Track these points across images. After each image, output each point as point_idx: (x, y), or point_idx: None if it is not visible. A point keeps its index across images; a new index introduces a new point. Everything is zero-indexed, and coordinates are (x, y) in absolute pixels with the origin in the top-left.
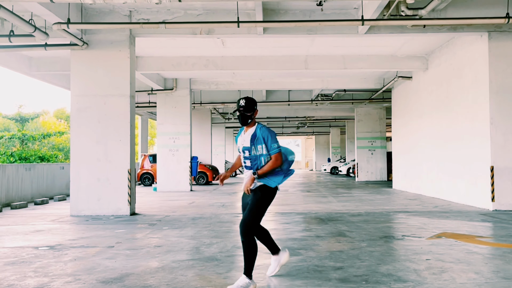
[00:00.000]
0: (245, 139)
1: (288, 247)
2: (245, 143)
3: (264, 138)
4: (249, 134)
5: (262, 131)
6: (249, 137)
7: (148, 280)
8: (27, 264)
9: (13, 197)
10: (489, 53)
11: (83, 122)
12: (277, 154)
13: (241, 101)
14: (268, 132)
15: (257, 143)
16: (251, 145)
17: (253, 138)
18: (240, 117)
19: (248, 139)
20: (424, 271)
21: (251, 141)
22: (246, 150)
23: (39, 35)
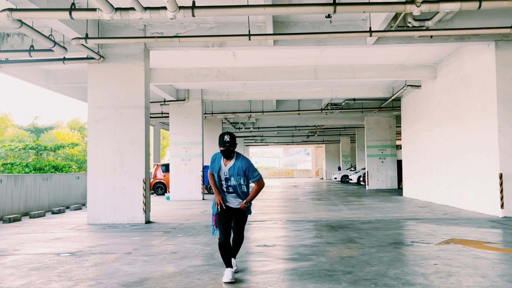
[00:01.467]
0: (226, 170)
1: (299, 253)
2: (227, 174)
3: (245, 170)
4: (232, 164)
5: (243, 163)
6: (230, 170)
7: (166, 284)
8: (50, 270)
9: (31, 206)
10: (496, 62)
11: (99, 133)
12: (259, 180)
13: (225, 136)
14: (248, 163)
15: (240, 173)
16: (236, 175)
17: (237, 171)
18: (225, 152)
19: (231, 170)
20: (431, 275)
21: (236, 172)
22: (232, 178)
23: (58, 49)
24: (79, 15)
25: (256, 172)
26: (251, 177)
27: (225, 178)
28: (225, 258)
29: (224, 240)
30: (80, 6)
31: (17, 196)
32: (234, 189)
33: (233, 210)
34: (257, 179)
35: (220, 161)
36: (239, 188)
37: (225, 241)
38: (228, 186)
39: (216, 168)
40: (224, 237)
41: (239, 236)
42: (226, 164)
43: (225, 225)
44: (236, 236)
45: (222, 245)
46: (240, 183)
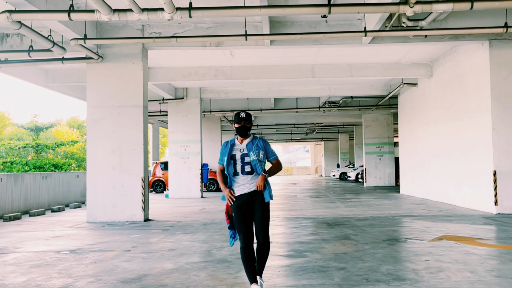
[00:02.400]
0: (244, 148)
1: (295, 250)
2: (245, 151)
3: (265, 147)
4: (249, 141)
5: (262, 141)
6: (251, 146)
7: (164, 280)
8: (51, 267)
9: (31, 205)
10: (490, 60)
11: (98, 132)
12: (278, 159)
13: (241, 113)
14: (267, 142)
15: (260, 147)
16: (249, 151)
17: (255, 147)
18: (241, 128)
19: (249, 145)
20: (422, 270)
21: (254, 149)
22: (251, 152)
23: (57, 50)
24: (78, 16)
25: (274, 152)
26: (271, 154)
27: (242, 155)
28: (249, 268)
29: (246, 243)
30: (78, 7)
31: (17, 195)
32: (254, 165)
33: (251, 203)
34: (275, 158)
35: (233, 142)
36: (258, 165)
37: (247, 245)
38: (245, 165)
39: (228, 151)
40: (245, 239)
41: (264, 239)
42: (242, 142)
43: (245, 224)
44: (261, 241)
45: (243, 250)
46: (259, 158)
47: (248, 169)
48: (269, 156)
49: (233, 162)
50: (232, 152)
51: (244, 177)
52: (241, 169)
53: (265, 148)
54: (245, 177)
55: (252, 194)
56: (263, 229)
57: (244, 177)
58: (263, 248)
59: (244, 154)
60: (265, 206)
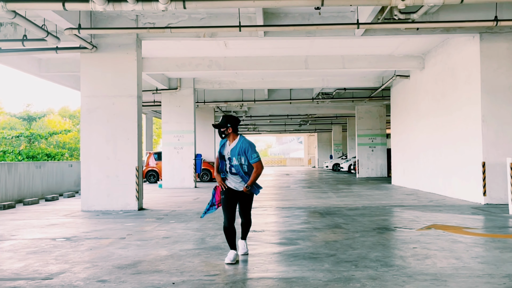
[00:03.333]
0: (230, 149)
1: (287, 237)
2: (231, 153)
3: (245, 149)
4: (234, 145)
5: (244, 144)
6: (235, 151)
7: (159, 266)
8: (47, 253)
9: (25, 194)
10: (480, 53)
11: (93, 122)
12: (257, 162)
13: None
14: (248, 144)
15: (241, 153)
16: (236, 155)
17: (238, 151)
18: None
19: (233, 150)
20: (409, 257)
21: (237, 152)
22: (234, 158)
23: (51, 39)
24: (72, 6)
25: (255, 154)
26: (250, 158)
27: (228, 157)
28: (229, 240)
29: (228, 224)
30: None
31: (11, 184)
32: (237, 169)
33: (237, 194)
34: (255, 161)
35: (226, 142)
36: (241, 168)
37: (229, 226)
38: (231, 166)
39: (222, 148)
40: (228, 221)
41: (246, 220)
42: (230, 145)
43: (229, 209)
44: (243, 221)
45: (226, 229)
46: (241, 163)
47: (234, 171)
48: (249, 160)
49: (223, 161)
50: (222, 152)
51: (231, 176)
52: (229, 169)
53: (245, 153)
54: (232, 176)
55: (240, 192)
56: (245, 214)
57: (231, 176)
58: (245, 224)
59: (229, 157)
60: (249, 197)
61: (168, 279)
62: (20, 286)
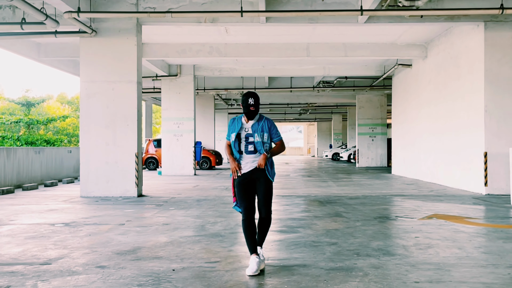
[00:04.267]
0: (249, 128)
1: (287, 225)
2: (249, 131)
3: (270, 127)
4: (255, 121)
5: (268, 122)
6: (256, 127)
7: (158, 253)
8: (46, 238)
9: (24, 179)
10: (485, 42)
11: (92, 108)
12: (281, 140)
13: (249, 99)
14: (272, 122)
15: (265, 129)
16: (259, 131)
17: (260, 128)
18: (249, 113)
19: (255, 126)
20: (411, 246)
21: (259, 131)
22: (256, 134)
23: (50, 23)
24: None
25: (279, 133)
26: (275, 135)
27: (246, 135)
28: (250, 239)
29: (247, 215)
30: None
31: (10, 169)
32: (258, 147)
33: (254, 180)
34: (279, 139)
35: (240, 121)
36: (262, 146)
37: (249, 217)
38: (248, 144)
39: (236, 128)
40: (247, 212)
41: (266, 213)
42: (248, 122)
43: (247, 198)
44: (263, 216)
45: (245, 222)
46: (263, 140)
47: (251, 149)
48: (273, 138)
49: (238, 141)
50: (239, 131)
51: (247, 156)
52: (245, 148)
53: (270, 130)
54: (248, 156)
55: (253, 172)
56: (265, 205)
57: (247, 156)
58: (265, 221)
59: (248, 134)
60: (268, 184)
61: (168, 265)
62: (18, 271)
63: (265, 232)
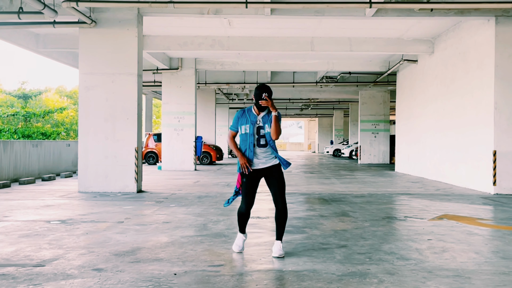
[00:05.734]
0: (261, 120)
1: (293, 225)
2: (260, 123)
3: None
4: (265, 116)
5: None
6: (266, 118)
7: (159, 254)
8: (41, 237)
9: (21, 173)
10: (495, 38)
11: (91, 100)
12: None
13: (263, 93)
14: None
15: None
16: (264, 124)
17: (270, 119)
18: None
19: (265, 118)
20: (425, 250)
21: (269, 122)
22: (266, 125)
23: (48, 12)
24: None
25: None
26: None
27: (258, 127)
28: (242, 223)
29: (246, 210)
30: None
31: (6, 162)
32: (268, 138)
33: (265, 175)
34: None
35: (252, 113)
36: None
37: (246, 211)
38: (260, 138)
39: (249, 120)
40: (246, 206)
41: (283, 206)
42: (259, 114)
43: (250, 193)
44: (280, 207)
45: (242, 214)
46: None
47: (263, 142)
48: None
49: (250, 134)
50: (252, 124)
51: (259, 149)
52: (257, 142)
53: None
54: (259, 149)
55: (266, 169)
56: (281, 197)
57: (259, 150)
58: (282, 214)
59: (259, 126)
60: (281, 175)
61: (169, 269)
62: (9, 273)
63: (284, 224)
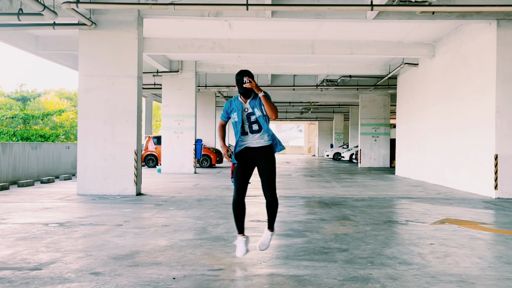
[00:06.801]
0: (248, 106)
1: (293, 229)
2: (250, 110)
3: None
4: (252, 100)
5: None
6: (254, 103)
7: (158, 258)
8: (38, 240)
9: (20, 175)
10: (497, 41)
11: (90, 102)
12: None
13: (244, 78)
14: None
15: (260, 105)
16: (258, 105)
17: (258, 101)
18: (246, 91)
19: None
20: (428, 255)
21: (257, 105)
22: (256, 109)
23: (48, 14)
24: None
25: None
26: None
27: (247, 114)
28: (239, 221)
29: (238, 196)
30: None
31: (5, 164)
32: (261, 122)
33: (256, 160)
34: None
35: (239, 101)
36: (264, 120)
37: (239, 198)
38: (252, 123)
39: (236, 108)
40: (238, 193)
41: (272, 197)
42: (246, 102)
43: (242, 178)
44: (269, 199)
45: (235, 203)
46: (264, 113)
47: (256, 127)
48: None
49: (241, 122)
50: (240, 111)
51: (252, 135)
52: (249, 129)
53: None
54: (253, 135)
55: (257, 148)
56: (270, 188)
57: (253, 135)
58: (272, 205)
59: (249, 113)
60: (272, 161)
61: (168, 273)
62: (5, 277)
63: (274, 214)
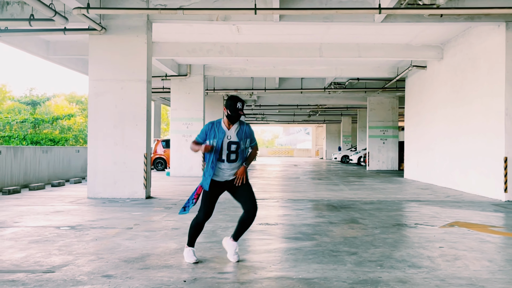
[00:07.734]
0: (232, 135)
1: (302, 232)
2: (233, 138)
3: (251, 133)
4: (236, 130)
5: (248, 127)
6: (238, 134)
7: (168, 261)
8: (50, 243)
9: (31, 179)
10: (506, 43)
11: (100, 107)
12: (256, 145)
13: (238, 103)
14: (251, 128)
15: (248, 136)
16: (240, 141)
17: (244, 134)
18: (236, 117)
19: (236, 135)
20: (437, 258)
21: (241, 137)
22: (234, 145)
23: (59, 19)
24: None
25: (255, 138)
26: (253, 141)
27: (229, 142)
28: (194, 236)
29: (203, 220)
30: None
31: (17, 168)
32: (238, 155)
33: (227, 188)
34: (255, 144)
35: (221, 127)
36: (244, 152)
37: (203, 222)
38: (230, 153)
39: (218, 135)
40: (204, 217)
41: (254, 212)
42: (230, 128)
43: (210, 204)
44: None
45: (198, 225)
46: (246, 146)
47: (233, 157)
48: (252, 143)
49: (219, 150)
50: (220, 137)
51: (228, 164)
52: (227, 157)
53: (251, 136)
54: (229, 164)
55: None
56: (253, 203)
57: (228, 165)
58: (251, 220)
59: (231, 142)
60: (247, 182)
61: (178, 276)
62: (19, 279)
63: (247, 228)
